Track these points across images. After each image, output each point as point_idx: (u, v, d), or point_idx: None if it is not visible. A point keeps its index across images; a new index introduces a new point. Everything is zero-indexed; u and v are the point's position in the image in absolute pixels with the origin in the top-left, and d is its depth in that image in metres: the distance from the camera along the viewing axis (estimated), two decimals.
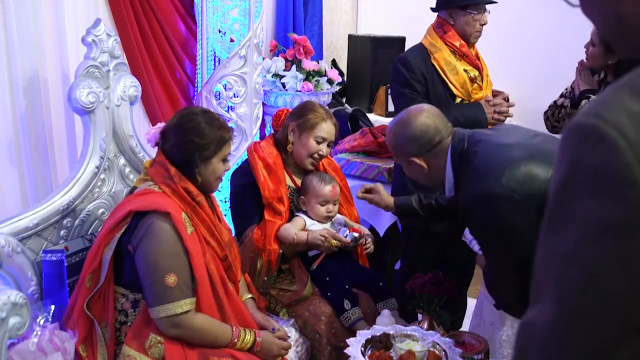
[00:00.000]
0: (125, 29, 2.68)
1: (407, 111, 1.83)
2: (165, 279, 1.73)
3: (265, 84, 3.45)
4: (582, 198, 0.58)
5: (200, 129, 1.85)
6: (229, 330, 1.83)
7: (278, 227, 2.23)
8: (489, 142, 1.70)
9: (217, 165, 1.88)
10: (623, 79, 0.60)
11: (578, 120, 0.59)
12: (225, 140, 1.89)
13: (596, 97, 0.60)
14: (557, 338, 0.58)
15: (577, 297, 0.57)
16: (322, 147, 2.32)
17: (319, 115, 2.32)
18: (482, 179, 1.60)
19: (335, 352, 2.11)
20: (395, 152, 1.88)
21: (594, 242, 0.56)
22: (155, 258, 1.74)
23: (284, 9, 3.91)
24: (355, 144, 3.33)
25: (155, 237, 1.74)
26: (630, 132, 0.55)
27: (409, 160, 1.79)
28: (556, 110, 2.86)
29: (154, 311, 1.74)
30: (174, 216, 1.76)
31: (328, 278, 2.22)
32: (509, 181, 1.54)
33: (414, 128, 1.76)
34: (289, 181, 2.37)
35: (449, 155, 1.74)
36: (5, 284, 1.74)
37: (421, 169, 1.79)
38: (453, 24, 2.66)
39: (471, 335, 2.02)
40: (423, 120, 1.76)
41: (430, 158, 1.77)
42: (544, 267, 0.61)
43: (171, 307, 1.73)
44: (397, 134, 1.81)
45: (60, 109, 2.34)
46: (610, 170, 0.55)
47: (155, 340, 1.76)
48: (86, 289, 1.79)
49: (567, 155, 0.60)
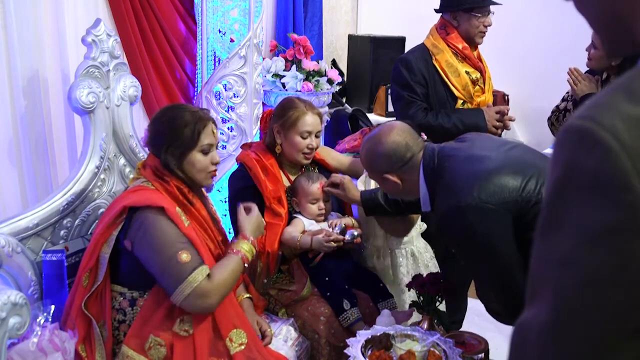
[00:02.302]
0: (125, 29, 2.68)
1: (378, 129, 1.87)
2: (179, 257, 1.72)
3: (265, 84, 3.45)
4: (577, 202, 0.57)
5: (171, 121, 1.85)
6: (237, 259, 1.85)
7: (279, 229, 2.23)
8: (458, 156, 1.72)
9: (195, 157, 1.86)
10: (618, 81, 0.60)
11: (572, 123, 0.59)
12: (198, 130, 1.85)
13: (591, 99, 0.60)
14: (553, 341, 0.58)
15: (573, 300, 0.57)
16: (310, 140, 2.31)
17: (300, 110, 2.30)
18: (454, 194, 1.61)
19: (334, 352, 2.11)
20: (369, 169, 1.91)
21: (589, 247, 0.56)
22: (159, 244, 1.74)
23: (284, 9, 3.91)
24: (356, 144, 3.32)
25: (152, 226, 1.74)
26: (625, 136, 0.55)
27: (382, 177, 1.81)
28: (560, 115, 2.84)
29: (178, 294, 1.72)
30: (168, 209, 1.76)
31: (327, 278, 2.22)
32: (480, 193, 1.56)
33: (385, 146, 1.78)
34: (286, 181, 2.37)
35: (421, 171, 1.76)
36: (5, 284, 1.75)
37: (395, 185, 1.80)
38: (457, 26, 2.65)
39: (471, 335, 2.02)
40: (394, 138, 1.79)
41: (403, 174, 1.79)
42: (539, 270, 0.61)
43: (191, 280, 1.72)
44: (370, 151, 1.84)
45: (60, 109, 2.34)
46: (604, 174, 0.55)
47: (155, 342, 1.75)
48: (83, 288, 1.79)
49: (561, 159, 0.59)
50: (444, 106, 2.65)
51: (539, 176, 1.59)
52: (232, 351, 1.81)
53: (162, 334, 1.76)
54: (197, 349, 1.77)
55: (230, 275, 1.81)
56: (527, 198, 1.57)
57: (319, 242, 2.18)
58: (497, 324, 2.06)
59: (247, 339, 1.85)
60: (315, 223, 2.30)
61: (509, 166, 1.62)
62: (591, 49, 2.66)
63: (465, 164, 1.67)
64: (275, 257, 2.21)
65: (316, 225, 2.29)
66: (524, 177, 1.59)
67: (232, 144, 3.02)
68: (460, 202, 1.58)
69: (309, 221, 2.30)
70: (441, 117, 2.60)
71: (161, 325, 1.77)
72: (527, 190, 1.57)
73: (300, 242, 2.20)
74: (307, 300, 2.21)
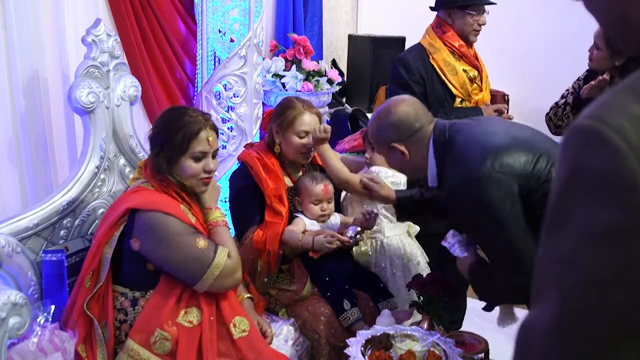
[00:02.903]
0: (125, 29, 2.68)
1: (388, 101, 1.88)
2: (197, 244, 1.77)
3: (265, 84, 3.45)
4: (583, 202, 0.57)
5: (167, 125, 1.86)
6: (225, 229, 1.93)
7: (279, 228, 2.23)
8: (470, 130, 1.73)
9: (185, 162, 1.83)
10: (626, 81, 0.60)
11: (580, 122, 0.59)
12: (189, 136, 1.81)
13: (598, 99, 0.60)
14: (557, 340, 0.58)
15: (577, 300, 0.57)
16: (307, 140, 2.30)
17: (297, 110, 2.30)
18: (466, 165, 1.62)
19: (334, 352, 2.11)
20: (377, 140, 1.90)
21: (594, 246, 0.56)
22: (173, 237, 1.76)
23: (284, 9, 3.91)
24: (356, 144, 3.33)
25: (160, 222, 1.76)
26: (632, 136, 0.55)
27: (390, 146, 1.81)
28: (559, 110, 2.83)
29: (202, 283, 1.77)
30: (174, 210, 1.78)
31: (327, 278, 2.22)
32: (494, 164, 1.57)
33: (395, 114, 1.80)
34: (288, 181, 2.37)
35: (430, 145, 1.76)
36: (5, 284, 1.74)
37: (402, 157, 1.80)
38: (451, 23, 2.65)
39: (471, 335, 2.02)
40: (404, 108, 1.81)
41: (410, 145, 1.79)
42: (545, 269, 0.61)
43: (218, 262, 1.78)
44: (379, 120, 1.85)
45: (60, 109, 2.34)
46: (612, 174, 0.55)
47: (161, 336, 1.76)
48: (85, 289, 1.79)
49: (568, 158, 0.60)
50: (442, 105, 2.66)
51: (549, 156, 1.61)
52: (235, 336, 1.83)
53: (169, 329, 1.77)
54: (203, 338, 1.78)
55: (234, 245, 1.91)
56: (537, 174, 1.58)
57: (321, 242, 2.18)
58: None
59: (249, 327, 1.87)
60: (317, 223, 2.30)
61: (520, 144, 1.63)
62: (594, 50, 2.65)
63: (477, 138, 1.68)
64: (275, 256, 2.21)
65: (317, 225, 2.29)
66: (534, 155, 1.61)
67: (232, 144, 3.02)
68: (473, 173, 1.58)
69: (310, 221, 2.30)
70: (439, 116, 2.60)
71: (167, 320, 1.78)
72: (538, 167, 1.59)
73: (301, 242, 2.20)
74: (308, 300, 2.20)
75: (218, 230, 1.91)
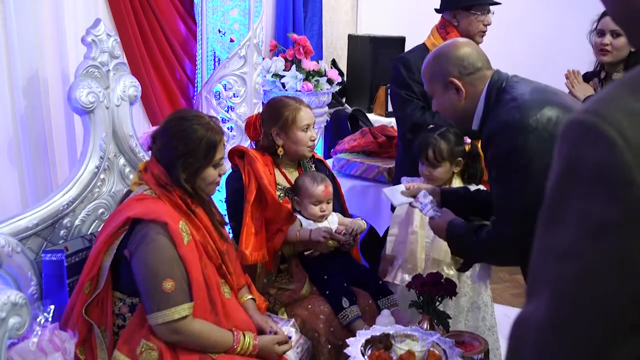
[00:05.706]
0: (125, 29, 2.68)
1: (449, 40, 1.89)
2: (163, 285, 1.71)
3: (265, 84, 3.45)
4: (580, 196, 0.57)
5: (185, 135, 1.81)
6: (229, 336, 1.81)
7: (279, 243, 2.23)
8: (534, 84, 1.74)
9: (208, 172, 1.84)
10: (624, 77, 0.61)
11: (577, 116, 0.59)
12: (213, 146, 1.82)
13: (596, 94, 0.60)
14: (552, 335, 0.58)
15: (573, 295, 0.57)
16: (310, 132, 2.33)
17: (293, 108, 2.31)
18: (517, 109, 1.61)
19: (334, 351, 2.11)
20: (433, 76, 1.84)
21: (590, 241, 0.56)
22: (152, 264, 1.73)
23: (284, 9, 3.91)
24: (355, 144, 3.33)
25: (151, 243, 1.73)
26: (629, 132, 0.55)
27: (448, 81, 1.77)
28: None
29: (152, 318, 1.72)
30: (171, 226, 1.74)
31: (326, 276, 2.23)
32: (542, 117, 1.56)
33: (460, 50, 1.79)
34: (284, 181, 2.37)
35: (485, 87, 1.75)
36: (5, 284, 1.74)
37: (456, 96, 1.77)
38: (457, 25, 2.66)
39: (471, 335, 2.02)
40: (469, 47, 1.81)
41: (468, 83, 1.76)
42: (540, 263, 0.61)
43: (169, 313, 1.71)
44: (441, 54, 1.81)
45: (60, 109, 2.34)
46: (608, 169, 0.55)
47: (146, 346, 1.75)
48: (85, 295, 1.78)
49: (565, 152, 0.60)
50: None
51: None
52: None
53: (154, 339, 1.75)
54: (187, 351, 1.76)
55: (209, 338, 1.78)
56: None
57: (318, 232, 2.20)
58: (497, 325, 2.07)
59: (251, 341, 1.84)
60: (313, 223, 2.30)
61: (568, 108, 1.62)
62: (602, 39, 2.54)
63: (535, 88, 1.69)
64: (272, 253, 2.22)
65: (314, 225, 2.30)
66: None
67: (231, 144, 3.02)
68: (522, 118, 1.57)
69: (306, 221, 2.30)
70: (438, 116, 2.60)
71: (153, 331, 1.76)
72: None
73: (299, 233, 2.22)
74: (307, 299, 2.21)
75: (226, 332, 1.82)
